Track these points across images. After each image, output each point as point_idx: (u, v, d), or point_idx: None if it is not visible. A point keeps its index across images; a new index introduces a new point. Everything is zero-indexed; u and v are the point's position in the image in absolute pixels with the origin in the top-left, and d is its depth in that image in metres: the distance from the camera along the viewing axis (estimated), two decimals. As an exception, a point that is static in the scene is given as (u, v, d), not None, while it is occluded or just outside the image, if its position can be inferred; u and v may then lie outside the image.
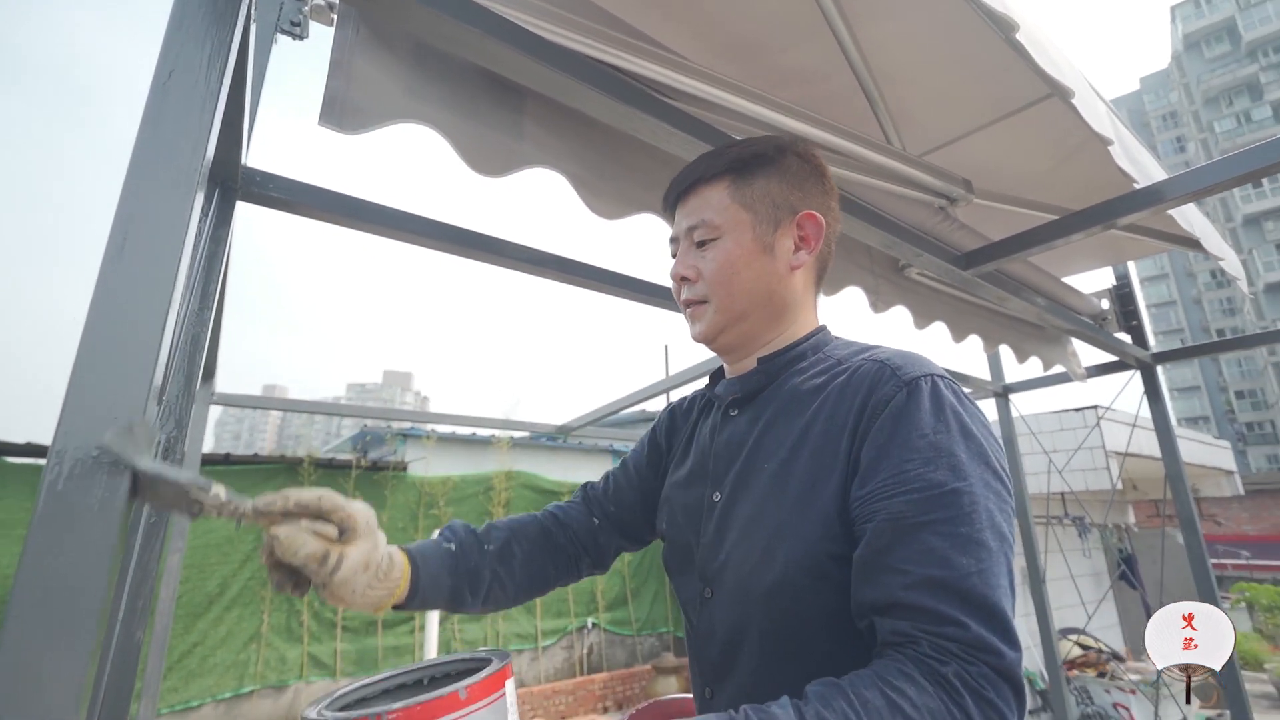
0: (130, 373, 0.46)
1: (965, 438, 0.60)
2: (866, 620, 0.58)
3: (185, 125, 0.55)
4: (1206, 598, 2.23)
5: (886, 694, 0.49)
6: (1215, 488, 8.16)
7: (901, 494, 0.58)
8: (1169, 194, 1.34)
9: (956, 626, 0.52)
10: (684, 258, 0.79)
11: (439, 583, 0.74)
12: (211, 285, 1.02)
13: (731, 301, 0.76)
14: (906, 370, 0.65)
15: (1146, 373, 2.44)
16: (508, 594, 0.82)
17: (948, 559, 0.54)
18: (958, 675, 0.50)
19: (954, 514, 0.56)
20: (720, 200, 0.76)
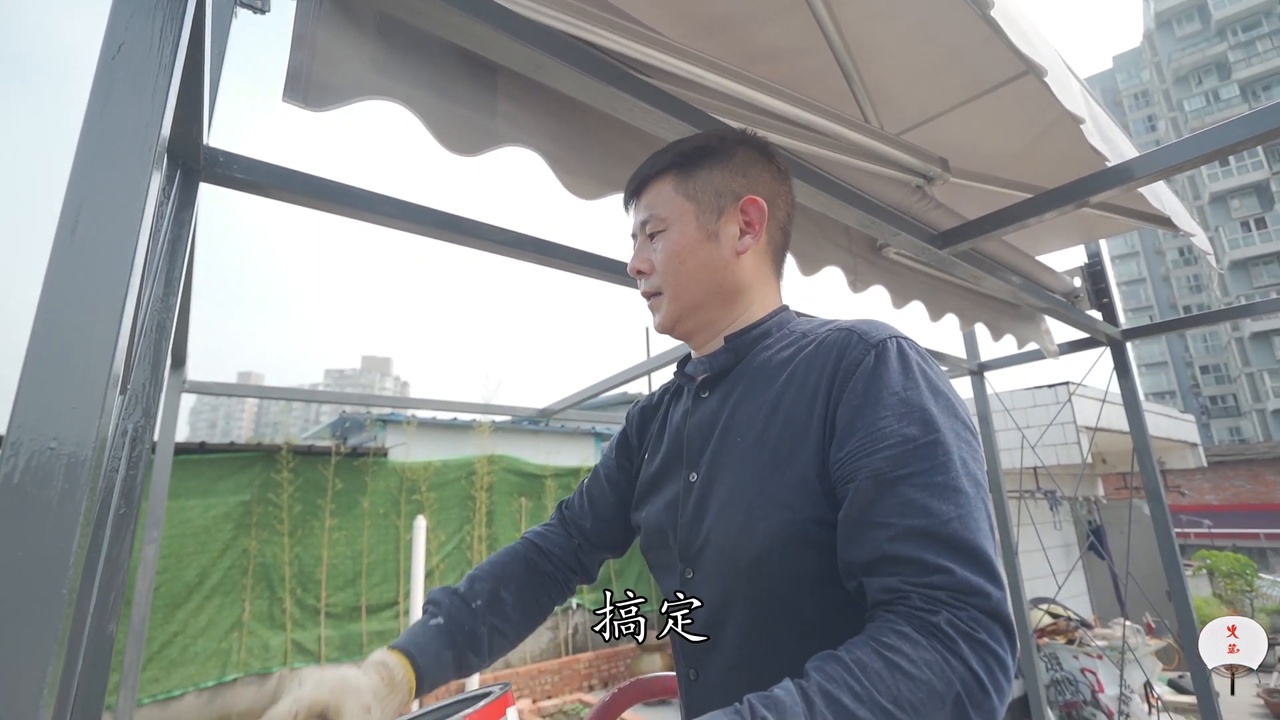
0: (87, 361, 0.45)
1: (934, 393, 0.62)
2: (856, 581, 0.59)
3: (137, 101, 0.52)
4: (1170, 567, 2.32)
5: (883, 654, 0.50)
6: (1180, 460, 8.44)
7: (878, 451, 0.59)
8: (1139, 172, 1.36)
9: (942, 574, 0.53)
10: (639, 252, 0.83)
11: (441, 660, 0.77)
12: (176, 269, 0.99)
13: (681, 290, 0.79)
14: (872, 334, 0.67)
15: (1116, 349, 2.50)
16: (509, 639, 0.85)
17: (928, 508, 0.56)
18: (949, 623, 0.51)
19: (930, 465, 0.58)
20: (666, 194, 0.80)
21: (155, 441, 2.05)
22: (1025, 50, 1.07)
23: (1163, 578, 2.36)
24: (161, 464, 2.06)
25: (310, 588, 5.06)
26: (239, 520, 4.82)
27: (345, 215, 1.24)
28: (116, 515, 0.85)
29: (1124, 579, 3.47)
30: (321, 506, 5.23)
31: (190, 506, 4.63)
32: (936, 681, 0.49)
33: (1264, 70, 39.12)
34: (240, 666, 4.61)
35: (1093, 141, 1.30)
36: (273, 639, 4.80)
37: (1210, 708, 2.21)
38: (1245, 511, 16.79)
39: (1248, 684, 6.28)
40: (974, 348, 2.92)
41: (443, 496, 5.95)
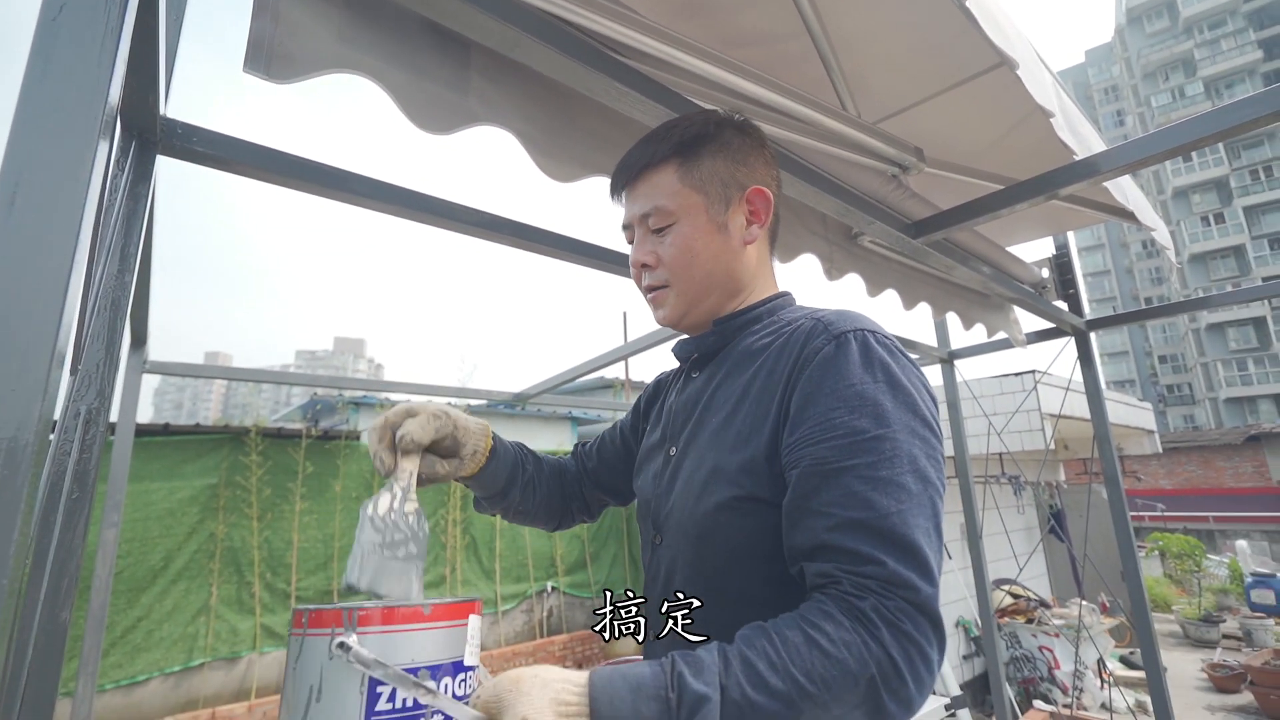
0: (27, 342, 0.42)
1: (892, 388, 0.63)
2: (797, 566, 0.61)
3: (82, 65, 0.49)
4: (1125, 549, 2.41)
5: (805, 631, 0.52)
6: (1138, 446, 8.76)
7: (826, 440, 0.60)
8: (1105, 166, 1.38)
9: (875, 565, 0.55)
10: (641, 245, 0.80)
11: (506, 452, 0.89)
12: (131, 245, 0.94)
13: (692, 284, 0.78)
14: (837, 325, 0.68)
15: (1081, 339, 2.57)
16: (534, 500, 0.95)
17: (869, 500, 0.57)
18: (874, 609, 0.53)
19: (875, 459, 0.58)
20: (670, 185, 0.77)
21: (114, 423, 1.99)
22: (999, 43, 1.08)
23: (1118, 559, 2.45)
24: (121, 446, 2.00)
25: (280, 572, 4.99)
26: (205, 504, 4.71)
27: (313, 193, 1.20)
28: (69, 500, 0.82)
29: (1082, 561, 3.60)
30: (292, 490, 5.14)
31: (154, 490, 4.51)
32: (852, 662, 0.51)
33: (1228, 68, 40.16)
34: (208, 651, 4.54)
35: (1062, 135, 1.32)
36: (241, 623, 4.73)
37: (1158, 682, 2.31)
38: (1196, 495, 17.54)
39: (1193, 659, 6.60)
40: (944, 336, 2.98)
41: (416, 480, 5.90)
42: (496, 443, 0.88)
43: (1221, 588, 8.84)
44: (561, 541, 6.81)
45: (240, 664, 4.71)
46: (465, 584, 6.00)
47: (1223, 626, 7.50)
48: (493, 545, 6.30)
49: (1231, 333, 37.38)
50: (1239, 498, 16.81)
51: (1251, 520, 15.86)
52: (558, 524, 1.02)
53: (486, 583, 6.17)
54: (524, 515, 0.96)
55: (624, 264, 1.71)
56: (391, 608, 0.62)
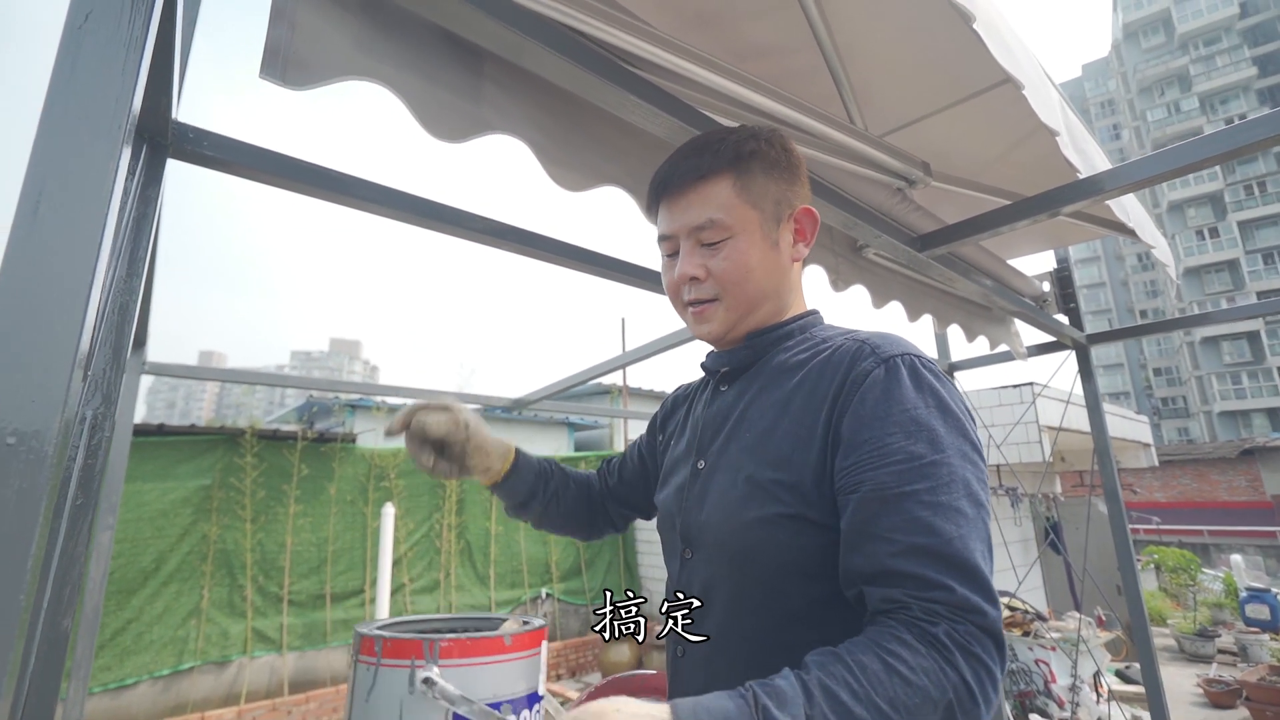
0: (49, 352, 0.42)
1: (943, 413, 0.64)
2: (856, 589, 0.61)
3: (106, 75, 0.49)
4: (1125, 562, 2.41)
5: (883, 658, 0.52)
6: (1134, 459, 8.78)
7: (884, 466, 0.61)
8: (1109, 185, 1.39)
9: (943, 590, 0.55)
10: (691, 258, 0.78)
11: (529, 468, 0.97)
12: (141, 249, 0.94)
13: (744, 300, 0.78)
14: (885, 349, 0.68)
15: (1081, 353, 2.58)
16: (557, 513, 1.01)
17: (931, 526, 0.58)
18: (947, 634, 0.53)
19: (934, 484, 0.59)
20: (727, 198, 0.76)
21: (114, 428, 1.98)
22: (1006, 64, 1.09)
23: (1114, 572, 2.45)
24: (119, 447, 1.98)
25: (273, 575, 4.96)
26: (199, 505, 4.68)
27: (320, 198, 1.20)
28: (73, 506, 0.82)
29: (1081, 574, 3.60)
30: (286, 492, 5.11)
31: (147, 490, 4.48)
32: (932, 688, 0.51)
33: (1222, 84, 40.56)
34: (198, 655, 4.50)
35: (1067, 154, 1.33)
36: (232, 627, 4.69)
37: (1158, 697, 2.31)
38: (1191, 509, 17.59)
39: (1188, 674, 6.60)
40: (945, 348, 2.98)
41: (412, 484, 5.87)
42: (520, 460, 0.96)
43: (1217, 602, 8.84)
44: (556, 548, 6.78)
45: (230, 668, 4.67)
46: (459, 589, 5.96)
47: (1218, 641, 7.51)
48: (488, 551, 6.27)
49: (1226, 346, 37.61)
50: (1233, 511, 16.87)
51: (1246, 535, 15.90)
52: (586, 535, 1.08)
53: (481, 588, 6.13)
54: (550, 525, 1.03)
55: (624, 271, 1.71)
56: (473, 639, 0.61)
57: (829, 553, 0.65)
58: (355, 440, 5.65)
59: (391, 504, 5.48)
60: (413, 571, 5.73)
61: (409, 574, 5.69)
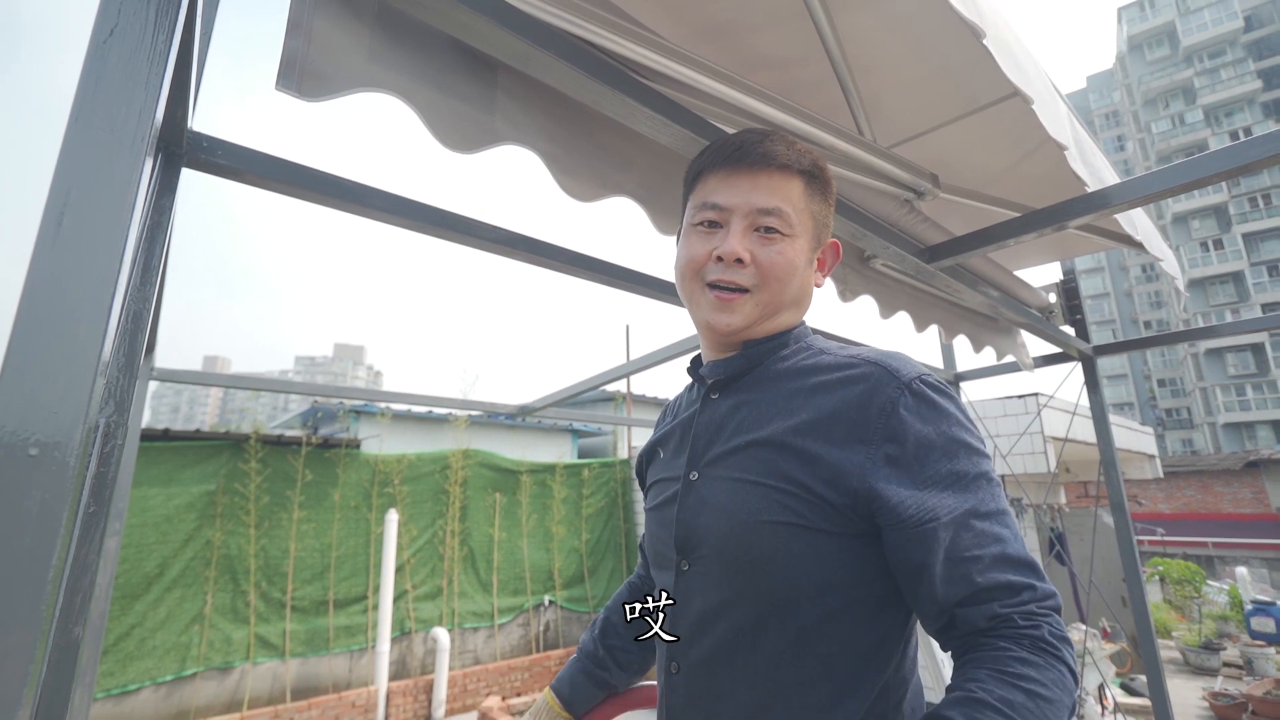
0: (74, 359, 0.42)
1: (962, 425, 0.68)
2: (948, 615, 0.63)
3: (130, 90, 0.50)
4: (1131, 576, 2.39)
5: (1020, 686, 0.55)
6: (1139, 470, 8.73)
7: (943, 491, 0.64)
8: (1117, 199, 1.39)
9: (1029, 590, 0.61)
10: (743, 238, 0.74)
11: (580, 684, 0.96)
12: (155, 258, 0.95)
13: (775, 302, 0.76)
14: (903, 371, 0.70)
15: (1087, 364, 2.57)
16: (633, 654, 0.97)
17: (998, 535, 0.63)
18: (1050, 633, 0.59)
19: (984, 494, 0.64)
20: (798, 199, 0.76)
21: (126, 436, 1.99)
22: (1016, 78, 1.09)
23: (1118, 583, 2.44)
24: (127, 454, 1.99)
25: (276, 581, 4.95)
26: (203, 510, 4.69)
27: (331, 206, 1.21)
28: (86, 514, 0.82)
29: (1086, 586, 3.57)
30: (290, 498, 5.11)
31: (151, 495, 4.49)
32: (1065, 696, 0.56)
33: (1227, 97, 40.60)
34: (201, 661, 4.49)
35: (1075, 167, 1.33)
36: (235, 632, 4.69)
37: (1164, 709, 2.28)
38: (1195, 520, 17.47)
39: (1194, 687, 6.53)
40: (950, 358, 2.98)
41: (416, 490, 5.87)
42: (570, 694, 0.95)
43: (1222, 614, 8.76)
44: (559, 555, 6.76)
45: (233, 674, 4.65)
46: (463, 596, 5.94)
47: (1223, 654, 7.44)
48: (490, 558, 6.26)
49: (1230, 358, 37.45)
50: (1238, 524, 16.74)
51: (1251, 547, 15.77)
52: None
53: (484, 595, 6.11)
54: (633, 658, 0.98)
55: (629, 280, 1.71)
56: None
57: (842, 562, 0.66)
58: (359, 446, 5.66)
59: (395, 510, 5.49)
60: (416, 578, 5.71)
61: (412, 580, 5.68)
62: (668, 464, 0.85)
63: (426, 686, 5.38)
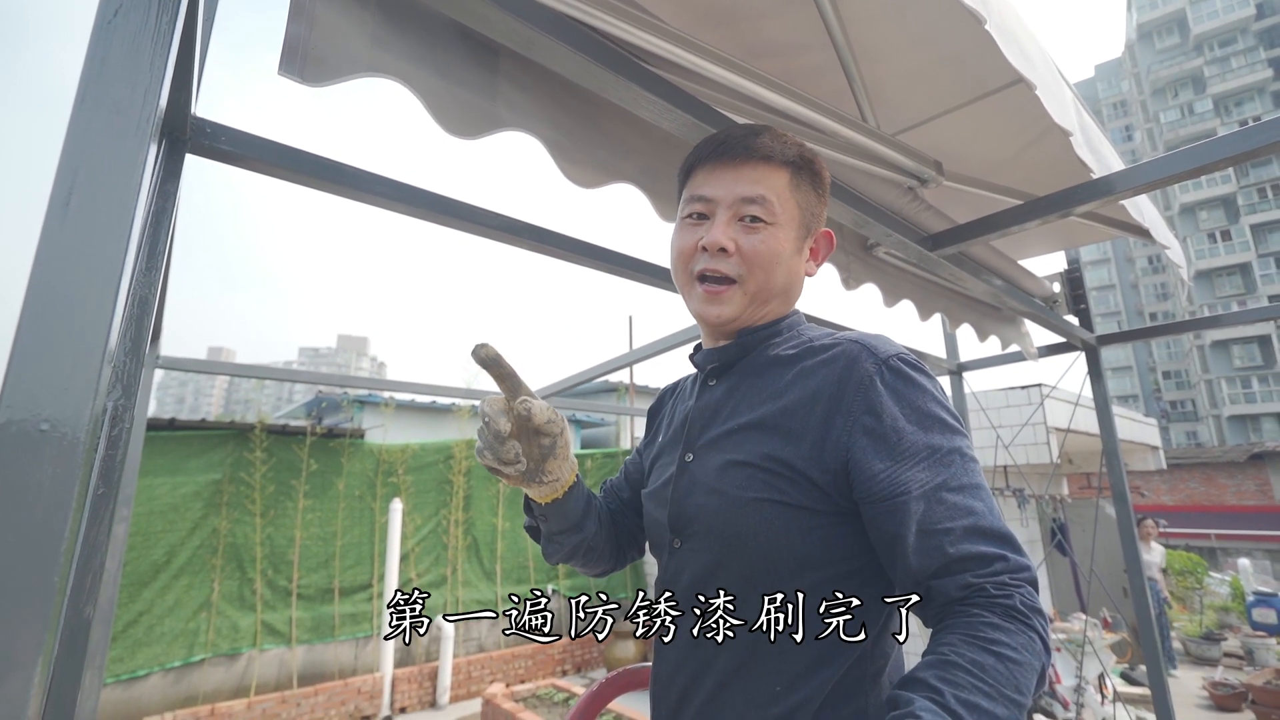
0: (82, 338, 0.43)
1: (938, 402, 0.70)
2: (923, 587, 0.64)
3: (135, 71, 0.50)
4: (1132, 566, 2.40)
5: (991, 650, 0.57)
6: (1142, 462, 8.72)
7: (916, 464, 0.65)
8: (1122, 185, 1.39)
9: (1001, 561, 0.62)
10: (727, 228, 0.76)
11: (582, 492, 0.88)
12: (160, 243, 0.95)
13: (763, 290, 0.78)
14: (881, 349, 0.72)
15: (1091, 354, 2.57)
16: (602, 538, 0.92)
17: (969, 507, 0.64)
18: (1022, 602, 0.60)
19: (957, 469, 0.65)
20: (782, 187, 0.78)
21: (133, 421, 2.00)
22: (1019, 64, 1.08)
23: (1119, 574, 2.44)
24: (134, 440, 2.01)
25: (282, 569, 5.00)
26: (209, 499, 4.73)
27: (334, 193, 1.21)
28: (95, 496, 0.83)
29: (1088, 576, 3.59)
30: (295, 487, 5.15)
31: (158, 484, 4.52)
32: (1033, 659, 0.57)
33: (1237, 86, 40.13)
34: (208, 647, 4.54)
35: (1080, 154, 1.32)
36: (242, 620, 4.74)
37: (1163, 699, 2.30)
38: (1198, 512, 17.44)
39: (1194, 677, 6.56)
40: (954, 348, 2.97)
41: (419, 480, 5.90)
42: (579, 480, 0.87)
43: (1223, 605, 8.78)
44: (562, 544, 6.80)
45: (240, 660, 4.71)
46: (466, 584, 5.99)
47: (1224, 645, 7.46)
48: (494, 546, 6.30)
49: (1236, 350, 37.26)
50: (1241, 516, 16.72)
51: (1253, 539, 15.76)
52: (613, 564, 0.98)
53: (487, 584, 6.16)
54: (585, 558, 0.93)
55: (632, 268, 1.71)
56: None
57: (822, 538, 0.69)
58: (363, 436, 5.68)
59: (399, 499, 5.52)
60: (420, 566, 5.76)
61: (416, 569, 5.72)
62: (667, 448, 0.88)
63: (431, 673, 5.43)
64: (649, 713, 0.82)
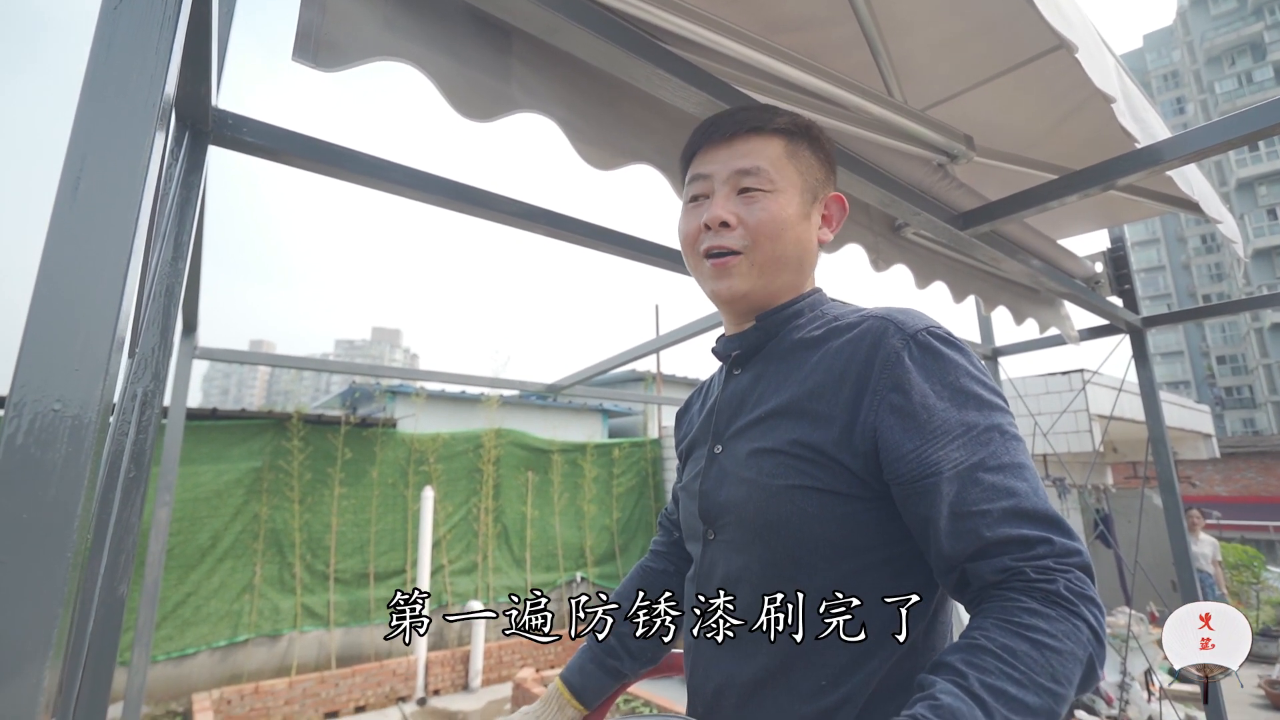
0: (91, 323, 0.44)
1: (973, 376, 0.65)
2: (957, 571, 0.61)
3: (140, 55, 0.50)
4: (1180, 558, 2.30)
5: (1026, 635, 0.53)
6: (1193, 450, 8.37)
7: (949, 443, 0.62)
8: (1169, 154, 1.31)
9: (1045, 544, 0.57)
10: (725, 202, 0.75)
11: (591, 674, 0.89)
12: (185, 234, 0.97)
13: (770, 259, 0.75)
14: (909, 324, 0.68)
15: (1136, 337, 2.46)
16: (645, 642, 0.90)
17: (1010, 488, 0.59)
18: (1067, 588, 0.55)
19: (996, 447, 0.61)
20: (777, 156, 0.76)
21: (167, 407, 2.08)
22: (1058, 25, 1.03)
23: (1168, 567, 2.35)
24: (174, 429, 2.08)
25: (320, 554, 5.16)
26: (250, 486, 4.89)
27: (356, 182, 1.22)
28: (126, 479, 0.86)
29: (1133, 568, 3.47)
30: (331, 475, 5.30)
31: (202, 471, 4.70)
32: (1076, 648, 0.53)
33: (1301, 52, 37.78)
34: (251, 628, 4.72)
35: (1123, 122, 1.25)
36: (283, 602, 4.91)
37: (1215, 696, 2.21)
38: (1255, 503, 16.68)
39: (1249, 674, 6.31)
40: (989, 332, 2.88)
41: (450, 468, 6.01)
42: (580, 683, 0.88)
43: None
44: (591, 533, 6.86)
45: (281, 641, 4.89)
46: (496, 571, 6.09)
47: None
48: (524, 534, 6.39)
49: (1297, 333, 35.36)
50: (1302, 507, 15.93)
51: (1315, 531, 15.00)
52: None
53: (517, 571, 6.25)
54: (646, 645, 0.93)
55: (657, 254, 1.69)
56: None
57: (856, 524, 0.66)
58: (396, 425, 5.81)
59: (431, 487, 5.63)
60: (451, 553, 5.88)
61: (448, 555, 5.84)
62: (697, 442, 0.87)
63: (464, 657, 5.55)
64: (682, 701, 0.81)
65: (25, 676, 0.37)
